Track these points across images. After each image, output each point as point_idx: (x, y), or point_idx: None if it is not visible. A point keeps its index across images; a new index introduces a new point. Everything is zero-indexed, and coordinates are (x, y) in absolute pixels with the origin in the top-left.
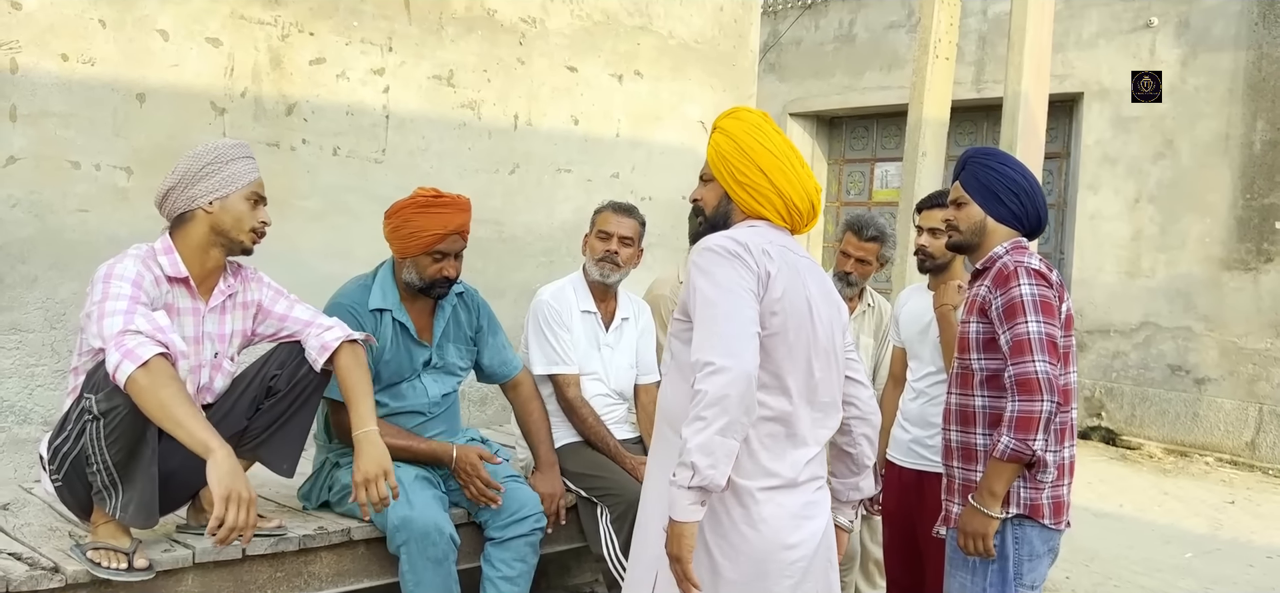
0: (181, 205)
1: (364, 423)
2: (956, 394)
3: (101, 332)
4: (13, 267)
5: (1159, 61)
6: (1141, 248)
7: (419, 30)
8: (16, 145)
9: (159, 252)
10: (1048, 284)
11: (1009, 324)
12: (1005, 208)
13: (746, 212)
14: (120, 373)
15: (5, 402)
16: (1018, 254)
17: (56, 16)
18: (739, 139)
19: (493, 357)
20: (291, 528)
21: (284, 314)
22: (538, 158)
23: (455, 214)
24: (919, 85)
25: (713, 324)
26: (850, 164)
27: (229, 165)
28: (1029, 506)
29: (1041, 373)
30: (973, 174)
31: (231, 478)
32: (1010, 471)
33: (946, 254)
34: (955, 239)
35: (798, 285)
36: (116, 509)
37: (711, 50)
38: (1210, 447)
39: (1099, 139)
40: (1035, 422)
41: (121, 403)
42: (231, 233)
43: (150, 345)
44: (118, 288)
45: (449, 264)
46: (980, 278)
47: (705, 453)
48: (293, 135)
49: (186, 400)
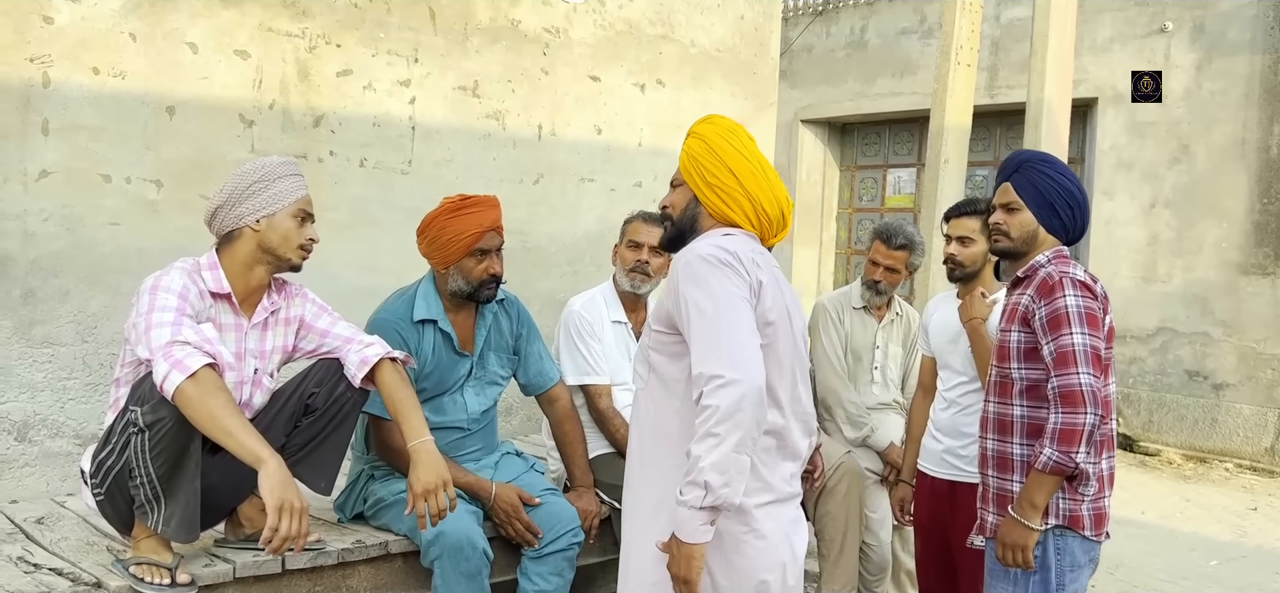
0: (229, 223)
1: (418, 434)
2: (994, 403)
3: (148, 343)
4: (45, 280)
5: (1174, 66)
6: (1158, 253)
7: (444, 41)
8: (49, 159)
9: (204, 267)
10: (1093, 296)
11: (1053, 335)
12: (1058, 218)
13: (714, 215)
14: (169, 384)
15: (38, 415)
16: (1061, 264)
17: (88, 30)
18: (711, 141)
19: (531, 366)
20: (329, 541)
21: (325, 330)
22: (562, 167)
23: (487, 211)
24: (941, 92)
25: (715, 335)
26: (862, 170)
27: (276, 183)
28: (1069, 516)
29: (1085, 385)
30: (1029, 180)
31: (284, 488)
32: (1051, 483)
33: (977, 262)
34: (1004, 245)
35: (780, 297)
36: (159, 523)
37: (732, 59)
38: (1229, 452)
39: (1114, 144)
40: (1078, 434)
41: (167, 415)
42: (278, 250)
43: (198, 356)
44: (164, 300)
45: (494, 260)
46: (1020, 286)
47: (719, 471)
48: (320, 147)
49: (236, 411)
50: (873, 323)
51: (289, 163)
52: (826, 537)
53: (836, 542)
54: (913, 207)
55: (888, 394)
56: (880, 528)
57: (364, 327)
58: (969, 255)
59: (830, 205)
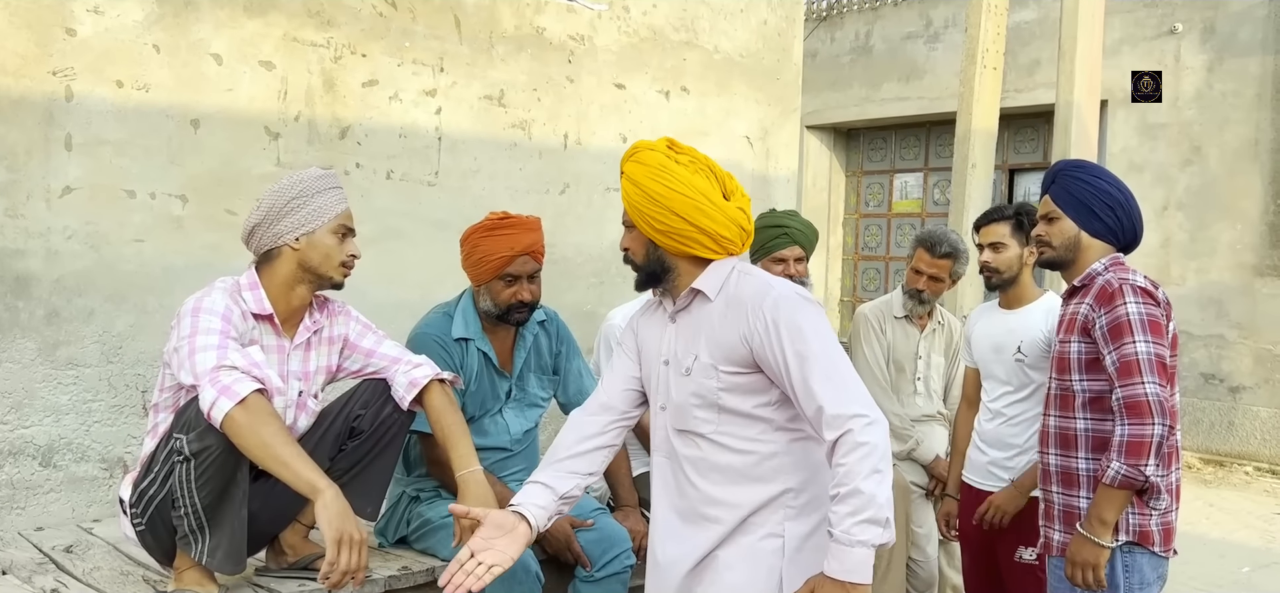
0: (268, 242)
1: (466, 463)
2: (1056, 416)
3: (193, 368)
4: (69, 300)
5: (1184, 67)
6: (1171, 256)
7: (470, 50)
8: (72, 175)
9: (244, 287)
10: (1155, 302)
11: (1115, 344)
12: (1100, 222)
13: (677, 256)
14: (216, 411)
15: (63, 439)
16: (1120, 271)
17: (111, 42)
18: (644, 186)
19: (571, 383)
20: (375, 569)
21: (371, 350)
22: (587, 177)
23: (523, 234)
24: (967, 96)
25: (841, 376)
26: (868, 176)
27: (315, 199)
28: (1139, 532)
29: (1152, 395)
30: (1064, 187)
31: (342, 519)
32: (1121, 497)
33: (1013, 268)
34: (1048, 256)
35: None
36: (202, 554)
37: (756, 64)
38: (1247, 456)
39: (1125, 147)
40: (1147, 446)
41: (214, 443)
42: (320, 268)
43: (247, 382)
44: (207, 322)
45: (523, 288)
46: (1077, 295)
47: (891, 506)
48: (346, 159)
49: (289, 438)
50: (915, 333)
51: (328, 176)
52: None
53: (883, 558)
54: (920, 212)
55: (932, 406)
56: (926, 543)
57: (404, 342)
58: (1004, 261)
59: (836, 211)
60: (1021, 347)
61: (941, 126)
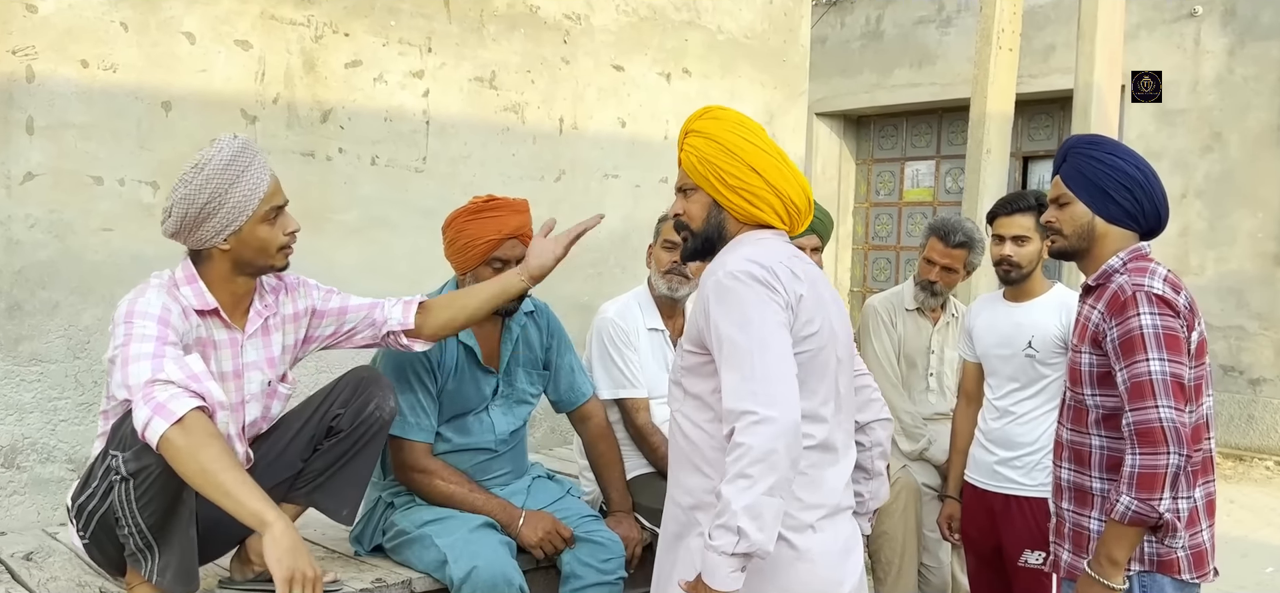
0: (193, 245)
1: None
2: (1069, 430)
3: (126, 381)
4: (32, 292)
5: (1204, 51)
6: (1189, 245)
7: (459, 29)
8: (34, 160)
9: (181, 281)
10: (1172, 312)
11: (1126, 362)
12: (1116, 205)
13: (742, 219)
14: (151, 432)
15: (27, 439)
16: (1137, 272)
17: (75, 20)
18: (721, 139)
19: (562, 380)
20: (346, 581)
21: (342, 308)
22: (584, 163)
23: (510, 216)
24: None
25: (748, 367)
26: (879, 164)
27: (233, 191)
28: (1158, 560)
29: (1167, 421)
30: (1076, 167)
31: (293, 556)
32: (1132, 535)
33: (1034, 263)
34: (1059, 245)
35: (820, 301)
36: (153, 574)
37: (761, 46)
38: (1268, 450)
39: (1142, 133)
40: (1160, 479)
41: (152, 462)
42: (257, 261)
43: (184, 398)
44: (142, 327)
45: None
46: (1091, 296)
47: (753, 516)
48: (328, 144)
49: (233, 463)
50: (928, 326)
51: (240, 155)
52: (883, 558)
53: (894, 563)
54: (932, 200)
55: (945, 403)
56: (939, 548)
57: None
58: (1026, 255)
59: (846, 200)
60: (1033, 342)
61: (954, 114)
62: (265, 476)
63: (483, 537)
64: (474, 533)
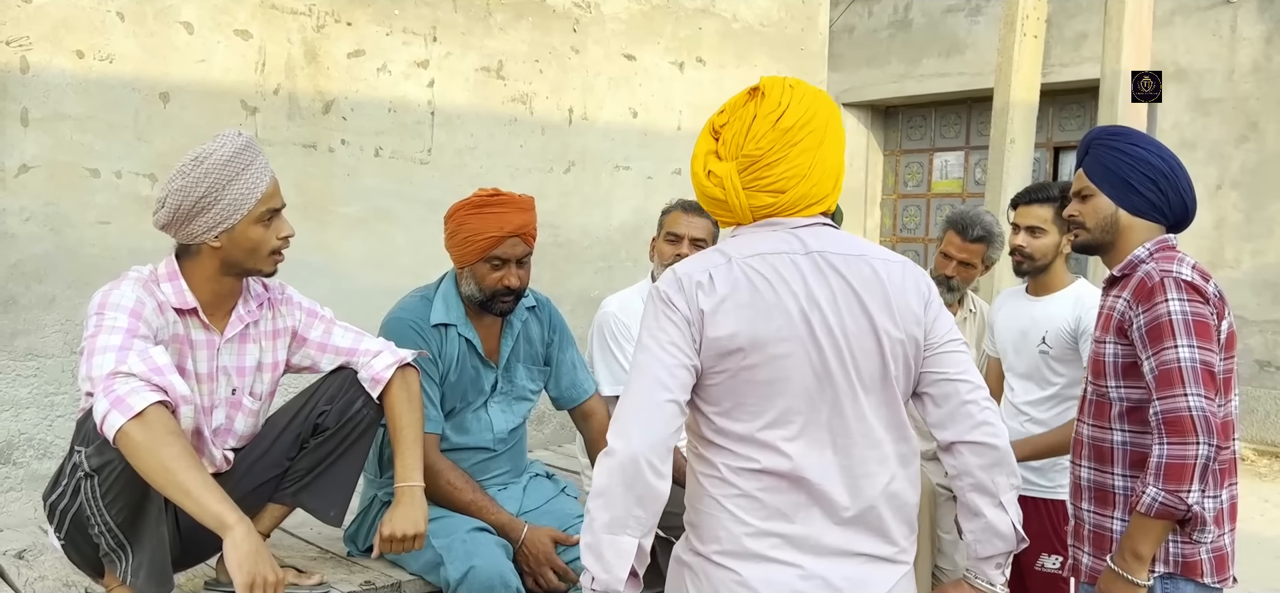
0: (184, 239)
1: (409, 476)
2: (1090, 426)
3: (89, 373)
4: (28, 286)
5: (1241, 39)
6: (1225, 237)
7: (465, 18)
8: (29, 152)
9: (162, 277)
10: (1202, 298)
11: (1154, 349)
12: (1141, 197)
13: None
14: (108, 425)
15: (23, 434)
16: (1164, 260)
17: (70, 10)
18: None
19: (564, 376)
20: (335, 584)
21: (322, 342)
22: (594, 154)
23: (514, 214)
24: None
25: (625, 393)
26: (907, 155)
27: (230, 188)
28: (1182, 562)
29: (1196, 410)
30: (1098, 159)
31: (253, 560)
32: (1159, 528)
33: (1048, 255)
34: (1083, 238)
35: (782, 303)
36: (127, 575)
37: (778, 34)
38: None
39: (1176, 123)
40: (1189, 470)
41: (115, 458)
42: (246, 263)
43: (144, 392)
44: (113, 319)
45: (510, 273)
46: (1117, 287)
47: (594, 555)
48: (330, 135)
49: (193, 462)
50: None
51: (243, 152)
52: None
53: None
54: (960, 192)
55: None
56: (954, 550)
57: (377, 330)
58: (1039, 247)
59: (874, 192)
60: (1046, 337)
61: (983, 104)
62: (250, 474)
63: (479, 538)
64: (470, 534)
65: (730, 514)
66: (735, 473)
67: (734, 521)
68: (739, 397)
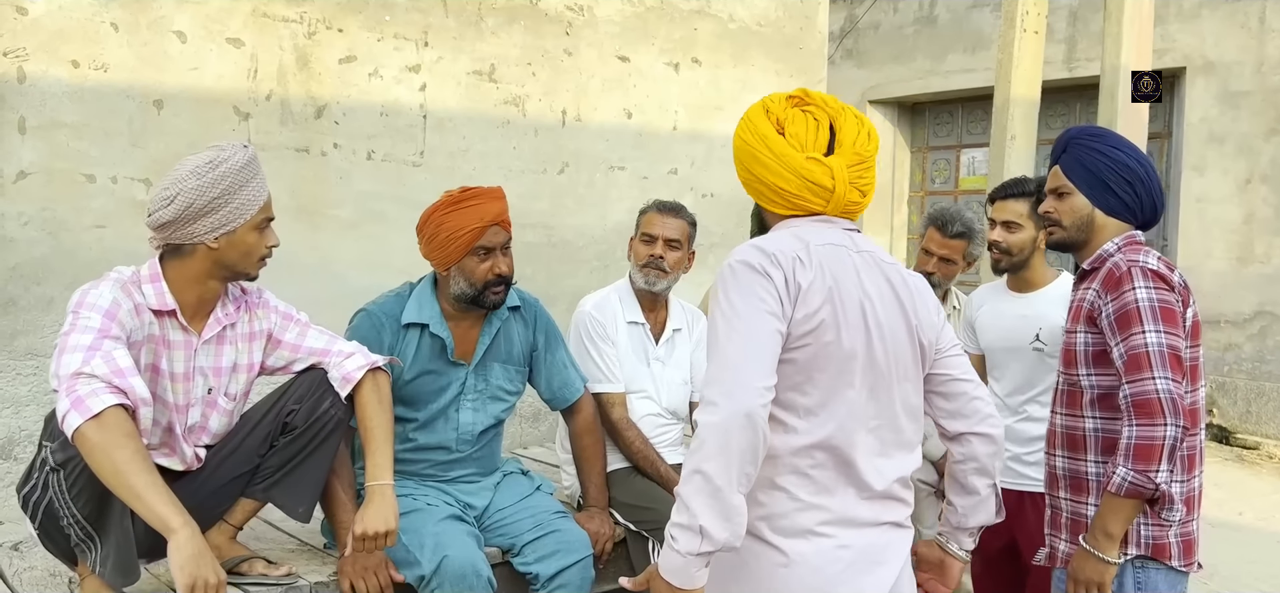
0: (180, 239)
1: (379, 475)
2: (1062, 415)
3: (56, 370)
4: (27, 288)
5: (1269, 31)
6: (1254, 232)
7: (457, 22)
8: (27, 159)
9: (144, 279)
10: (1168, 287)
11: (1122, 335)
12: (1116, 198)
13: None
14: (67, 424)
15: (24, 432)
16: (1131, 252)
17: (66, 21)
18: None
19: (552, 376)
20: (304, 574)
21: (296, 344)
22: (588, 156)
23: (489, 203)
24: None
25: (716, 350)
26: (934, 152)
27: (240, 193)
28: (1152, 545)
29: (1163, 392)
30: (1077, 158)
31: (196, 563)
32: (1129, 507)
33: (1026, 250)
34: (1058, 236)
35: (840, 293)
36: (96, 564)
37: (776, 34)
38: None
39: (1204, 117)
40: (1157, 450)
41: (77, 454)
42: (238, 266)
43: (104, 394)
44: (87, 319)
45: (500, 260)
46: (1087, 280)
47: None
48: (323, 139)
49: (145, 465)
50: None
51: (252, 162)
52: None
53: None
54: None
55: None
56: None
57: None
58: (1016, 242)
59: (901, 189)
60: (1040, 334)
61: None
62: (223, 469)
63: (450, 528)
64: (440, 525)
65: (783, 491)
66: (790, 450)
67: (786, 497)
68: (809, 371)
